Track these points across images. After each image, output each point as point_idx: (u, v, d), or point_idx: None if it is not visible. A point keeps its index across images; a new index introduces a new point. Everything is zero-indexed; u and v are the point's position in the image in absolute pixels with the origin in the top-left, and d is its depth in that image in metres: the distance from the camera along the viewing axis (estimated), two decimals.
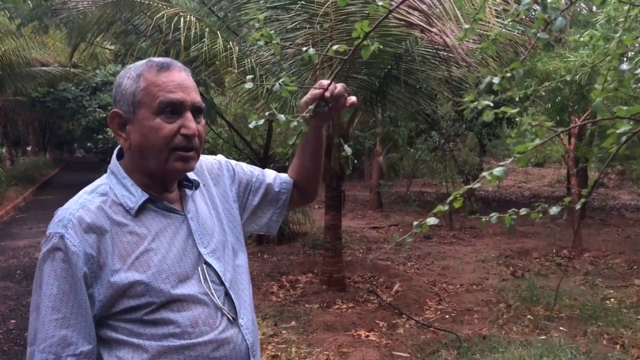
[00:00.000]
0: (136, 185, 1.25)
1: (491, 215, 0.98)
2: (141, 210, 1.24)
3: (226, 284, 1.30)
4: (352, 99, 1.39)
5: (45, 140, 28.35)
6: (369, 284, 6.25)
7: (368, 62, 5.01)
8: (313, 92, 1.35)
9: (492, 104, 0.91)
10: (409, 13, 4.51)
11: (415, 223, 0.86)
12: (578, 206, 0.89)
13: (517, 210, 0.94)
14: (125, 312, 1.18)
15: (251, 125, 1.25)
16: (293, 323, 4.89)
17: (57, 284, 1.14)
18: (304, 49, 1.24)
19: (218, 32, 5.12)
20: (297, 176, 1.58)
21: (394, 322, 4.95)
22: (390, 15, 4.43)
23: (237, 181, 1.51)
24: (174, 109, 1.21)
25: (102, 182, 1.28)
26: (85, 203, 1.21)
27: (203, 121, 1.29)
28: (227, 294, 1.30)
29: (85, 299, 1.16)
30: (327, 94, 1.32)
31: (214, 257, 1.30)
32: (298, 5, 4.79)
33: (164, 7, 5.04)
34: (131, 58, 6.37)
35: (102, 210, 1.21)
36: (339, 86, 1.35)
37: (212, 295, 1.26)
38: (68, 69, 14.96)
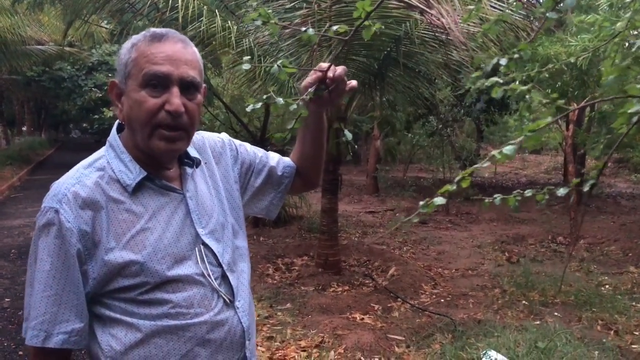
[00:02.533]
0: (134, 162, 1.21)
1: (495, 196, 0.95)
2: (138, 187, 1.20)
3: (224, 265, 1.27)
4: (353, 83, 1.34)
5: (41, 120, 28.16)
6: (365, 268, 6.26)
7: (367, 44, 4.94)
8: (313, 75, 1.30)
9: (501, 81, 0.87)
10: None
11: (421, 203, 0.82)
12: (586, 188, 0.86)
13: (522, 192, 0.91)
14: (119, 291, 1.16)
15: (248, 109, 1.20)
16: (288, 305, 4.89)
17: (50, 260, 1.12)
18: (303, 29, 1.19)
19: (216, 10, 5.04)
20: (298, 162, 1.53)
21: (389, 305, 4.95)
22: None
23: (239, 161, 1.47)
24: (159, 82, 1.15)
25: (100, 155, 1.24)
26: (81, 178, 1.18)
27: (199, 98, 1.22)
28: (224, 276, 1.27)
29: (78, 276, 1.14)
30: (330, 74, 1.27)
31: (212, 237, 1.27)
32: None
33: None
34: (127, 37, 6.27)
35: (99, 186, 1.17)
36: (339, 69, 1.29)
37: (209, 276, 1.23)
38: (63, 47, 14.79)
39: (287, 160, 1.54)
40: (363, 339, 4.04)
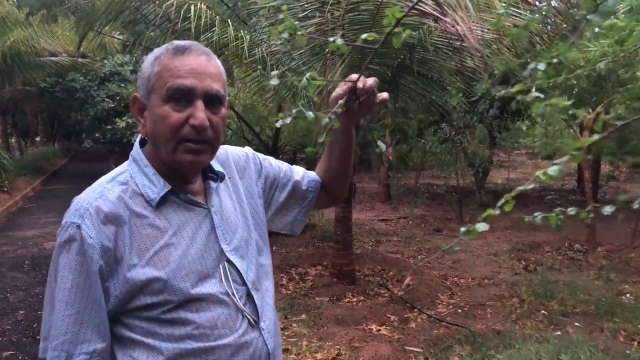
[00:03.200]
0: (158, 175, 1.19)
1: (536, 215, 0.90)
2: (163, 202, 1.17)
3: (248, 284, 1.23)
4: (384, 95, 1.31)
5: (54, 131, 28.43)
6: (380, 277, 6.19)
7: (381, 52, 4.91)
8: (343, 86, 1.27)
9: (542, 95, 0.83)
10: (422, 1, 4.41)
11: (462, 229, 0.77)
12: (636, 205, 0.81)
13: (564, 210, 0.86)
14: (141, 309, 1.13)
15: (278, 124, 1.17)
16: (303, 316, 4.84)
17: (71, 277, 1.09)
18: (331, 39, 1.15)
19: (229, 20, 5.04)
20: (324, 175, 1.50)
21: (405, 316, 4.88)
22: (404, 3, 4.31)
23: (263, 176, 1.43)
24: (183, 96, 1.13)
25: (123, 169, 1.22)
26: (104, 192, 1.15)
27: (223, 111, 1.19)
28: (249, 295, 1.23)
29: (100, 294, 1.11)
30: (360, 84, 1.23)
31: (237, 254, 1.23)
32: None
33: None
34: (139, 48, 6.30)
35: (122, 200, 1.15)
36: (370, 80, 1.26)
37: (233, 295, 1.19)
38: (76, 58, 14.93)
39: (312, 174, 1.51)
40: (380, 351, 3.97)
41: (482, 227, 0.76)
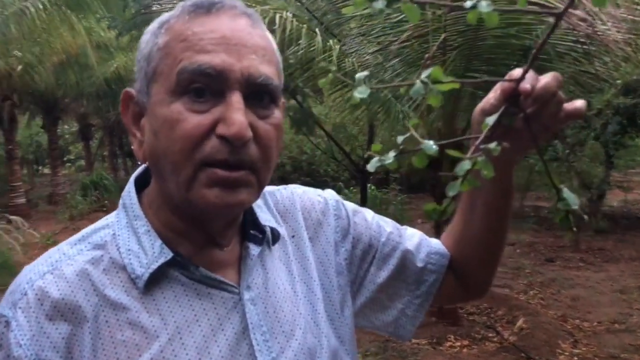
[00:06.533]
0: (153, 233, 0.66)
1: None
2: (156, 281, 0.65)
3: None
4: (577, 103, 0.67)
5: None
6: (486, 317, 5.41)
7: (489, 57, 4.28)
8: (495, 91, 0.67)
9: None
10: None
11: None
12: None
13: None
14: None
15: (371, 167, 0.56)
16: None
17: None
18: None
19: (317, 29, 4.63)
20: (457, 248, 0.87)
21: None
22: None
23: (351, 238, 0.84)
24: (208, 85, 0.61)
25: (106, 222, 0.71)
26: (60, 263, 0.65)
27: (277, 116, 0.65)
28: None
29: None
30: (527, 85, 0.61)
31: None
32: None
33: (256, 4, 4.63)
34: None
35: (87, 279, 0.64)
36: (547, 77, 0.64)
37: None
38: None
39: (435, 243, 0.89)
40: None
41: None
